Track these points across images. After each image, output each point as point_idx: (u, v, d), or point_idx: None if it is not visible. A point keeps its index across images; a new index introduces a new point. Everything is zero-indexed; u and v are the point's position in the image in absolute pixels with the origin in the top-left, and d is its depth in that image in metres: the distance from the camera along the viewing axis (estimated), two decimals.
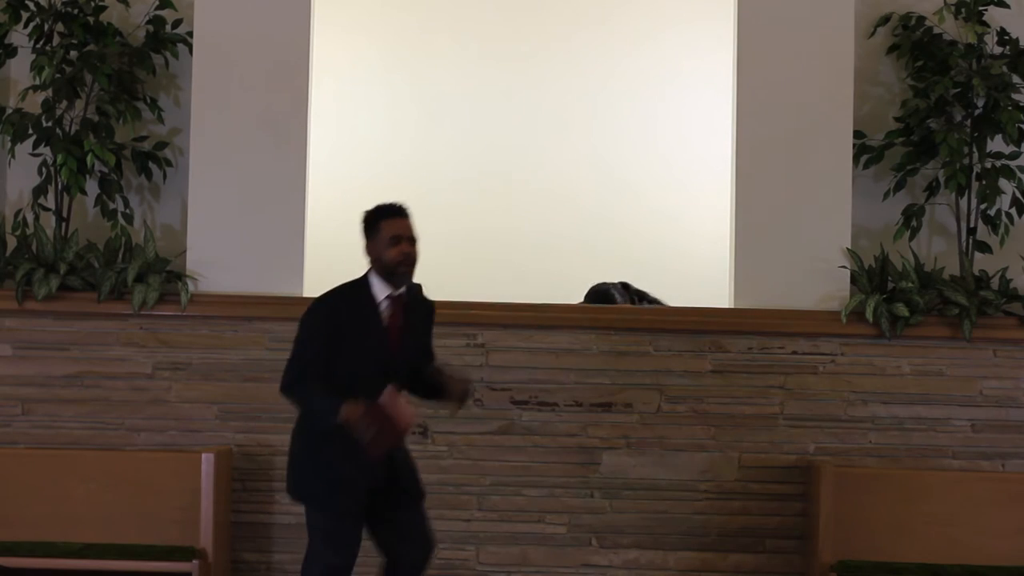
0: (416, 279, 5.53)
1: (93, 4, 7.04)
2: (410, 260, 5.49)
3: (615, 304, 7.21)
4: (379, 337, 5.47)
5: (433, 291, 7.33)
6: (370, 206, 5.59)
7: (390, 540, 5.62)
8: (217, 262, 6.92)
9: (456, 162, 8.21)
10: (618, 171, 8.25)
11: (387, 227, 5.48)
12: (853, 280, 6.94)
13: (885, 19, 7.22)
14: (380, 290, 5.50)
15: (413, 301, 5.57)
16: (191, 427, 6.89)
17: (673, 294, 7.45)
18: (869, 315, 6.80)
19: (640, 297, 7.40)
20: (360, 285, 5.52)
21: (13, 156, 7.09)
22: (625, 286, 7.40)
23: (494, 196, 8.12)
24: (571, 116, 8.26)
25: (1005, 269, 7.01)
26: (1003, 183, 7.02)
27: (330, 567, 5.54)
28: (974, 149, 7.04)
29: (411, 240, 5.51)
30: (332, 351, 5.40)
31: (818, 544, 6.56)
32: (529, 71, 8.24)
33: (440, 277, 7.40)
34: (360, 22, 8.26)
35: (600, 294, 7.31)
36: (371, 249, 5.52)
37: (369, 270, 5.54)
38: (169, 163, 7.17)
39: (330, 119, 7.84)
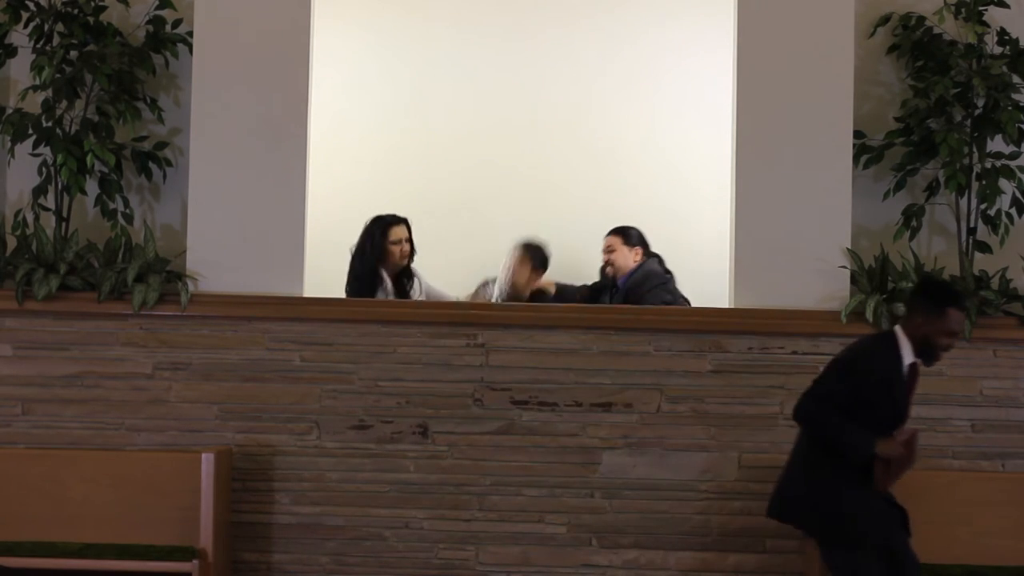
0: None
1: (93, 4, 7.04)
2: (948, 351, 5.83)
3: (629, 234, 7.42)
4: (900, 398, 5.79)
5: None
6: (933, 286, 5.92)
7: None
8: (217, 262, 6.92)
9: (456, 160, 8.20)
10: (618, 170, 8.25)
11: (953, 317, 5.71)
12: (853, 280, 6.94)
13: (885, 19, 7.22)
14: (907, 354, 5.77)
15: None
16: (191, 427, 6.89)
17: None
18: (869, 315, 6.80)
19: (660, 264, 7.49)
20: (890, 343, 5.79)
21: (13, 156, 7.10)
22: (660, 261, 7.50)
23: (494, 194, 8.12)
24: (572, 114, 8.25)
25: (1005, 269, 7.01)
26: (1003, 183, 7.02)
27: None
28: (974, 149, 7.05)
29: (959, 336, 5.84)
30: (855, 395, 5.71)
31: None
32: (529, 69, 8.24)
33: (440, 276, 7.44)
34: (360, 21, 8.26)
35: (621, 226, 7.51)
36: (921, 323, 5.75)
37: (899, 329, 5.81)
38: (169, 163, 7.18)
39: (330, 119, 7.84)
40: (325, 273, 7.24)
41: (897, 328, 5.91)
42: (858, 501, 5.77)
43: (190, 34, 7.06)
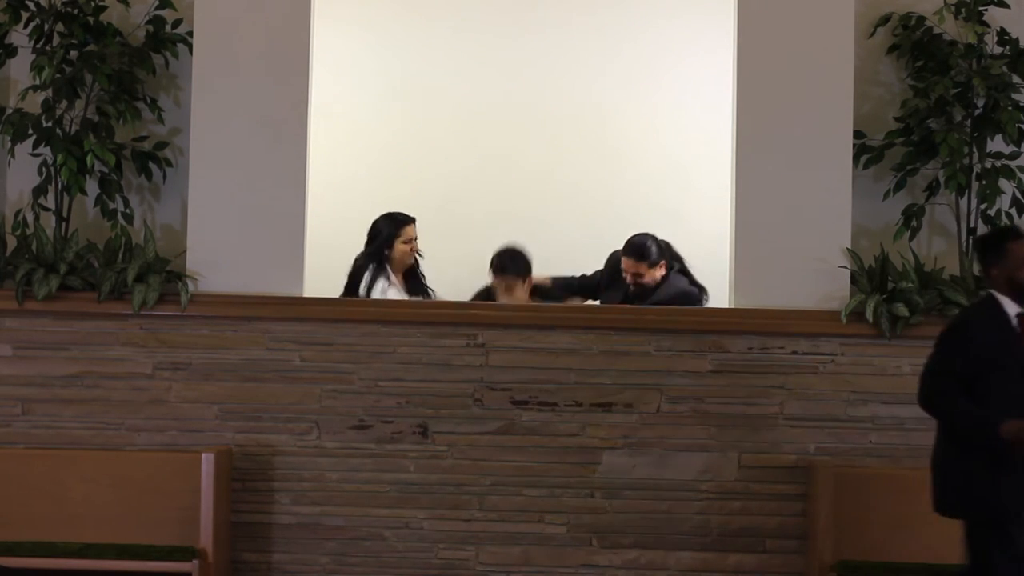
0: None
1: (93, 4, 7.04)
2: None
3: (650, 255, 7.18)
4: (1018, 351, 5.58)
5: (434, 289, 7.38)
6: (984, 238, 5.79)
7: None
8: (217, 262, 6.92)
9: (456, 158, 8.21)
10: (618, 169, 8.26)
11: (1017, 247, 5.59)
12: (853, 280, 6.94)
13: (885, 19, 7.22)
14: (1010, 307, 5.61)
15: None
16: (191, 427, 6.89)
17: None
18: (869, 315, 6.80)
19: (681, 268, 7.36)
20: (989, 303, 5.64)
21: (13, 156, 7.10)
22: (668, 245, 7.34)
23: (494, 193, 8.13)
24: (572, 114, 8.27)
25: None
26: (1003, 183, 7.02)
27: None
28: (974, 149, 7.04)
29: None
30: (972, 367, 5.52)
31: (818, 544, 6.56)
32: (529, 69, 8.25)
33: (440, 274, 7.44)
34: (360, 20, 8.26)
35: (635, 244, 7.21)
36: (997, 273, 5.62)
37: (992, 291, 5.65)
38: (169, 163, 7.18)
39: (330, 118, 7.84)
40: (325, 273, 7.23)
41: (991, 291, 5.71)
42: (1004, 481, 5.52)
43: (190, 34, 7.06)
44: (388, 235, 7.23)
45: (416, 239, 7.31)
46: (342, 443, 6.88)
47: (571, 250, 7.90)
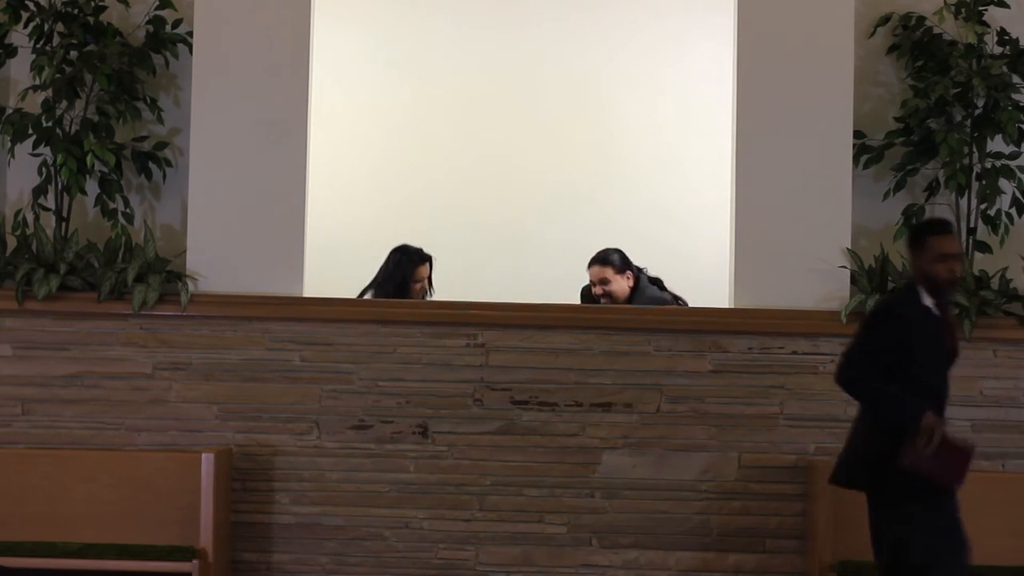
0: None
1: (93, 4, 7.04)
2: (956, 278, 5.63)
3: (612, 259, 7.23)
4: (936, 346, 5.61)
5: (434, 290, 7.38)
6: (910, 227, 5.86)
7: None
8: (217, 262, 6.92)
9: (456, 161, 8.21)
10: (618, 169, 8.26)
11: (934, 243, 5.59)
12: (853, 280, 6.94)
13: (885, 19, 7.22)
14: (927, 299, 5.61)
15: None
16: (191, 427, 6.89)
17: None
18: None
19: (650, 279, 7.37)
20: (910, 294, 5.64)
21: (13, 156, 7.09)
22: (652, 278, 7.39)
23: (493, 194, 8.13)
24: (572, 113, 8.27)
25: (1005, 269, 7.01)
26: (1003, 183, 7.02)
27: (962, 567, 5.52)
28: (974, 149, 7.05)
29: (958, 257, 5.63)
30: (892, 355, 5.52)
31: (818, 544, 6.56)
32: (530, 67, 8.26)
33: (440, 275, 7.44)
34: (360, 20, 8.27)
35: (599, 252, 7.27)
36: (916, 265, 5.65)
37: (915, 281, 5.66)
38: (169, 163, 7.17)
39: (330, 118, 7.84)
40: (325, 273, 7.23)
41: (912, 281, 5.74)
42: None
43: (190, 34, 7.06)
44: (402, 278, 7.17)
45: (428, 276, 7.26)
46: (342, 443, 6.88)
47: (572, 249, 7.90)
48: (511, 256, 7.99)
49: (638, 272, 7.32)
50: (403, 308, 7.02)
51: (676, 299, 7.34)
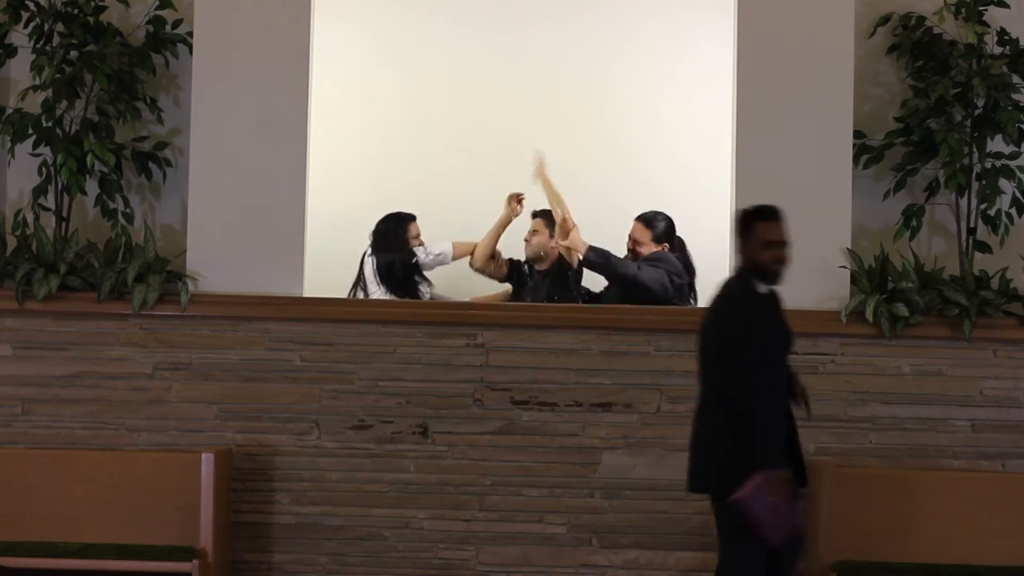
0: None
1: (93, 4, 7.04)
2: (782, 263, 5.62)
3: (656, 227, 7.39)
4: (781, 321, 5.61)
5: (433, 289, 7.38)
6: (739, 213, 5.72)
7: None
8: (217, 262, 6.92)
9: (456, 160, 8.21)
10: (618, 169, 8.26)
11: (760, 229, 5.60)
12: (853, 280, 6.94)
13: (885, 19, 7.22)
14: (760, 286, 5.61)
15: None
16: (191, 427, 6.89)
17: None
18: (869, 315, 6.80)
19: (684, 257, 7.51)
20: (745, 284, 5.62)
21: (13, 156, 7.10)
22: (682, 243, 7.55)
23: (493, 194, 8.12)
24: (573, 112, 8.27)
25: (1005, 269, 7.01)
26: (1003, 183, 7.02)
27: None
28: (974, 149, 7.04)
29: (783, 244, 5.62)
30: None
31: (818, 544, 6.56)
32: (531, 65, 8.26)
33: (440, 274, 7.44)
34: (360, 19, 8.26)
35: (649, 215, 7.45)
36: (744, 251, 5.64)
37: (744, 269, 5.65)
38: (169, 163, 7.17)
39: (330, 118, 7.84)
40: (325, 273, 7.24)
41: (743, 270, 5.70)
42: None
43: (190, 34, 7.06)
44: (401, 237, 7.32)
45: (419, 235, 7.47)
46: (342, 443, 6.88)
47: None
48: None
49: (674, 245, 7.46)
50: (403, 308, 7.03)
51: (687, 267, 7.48)
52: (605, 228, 7.88)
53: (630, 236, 7.46)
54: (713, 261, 7.52)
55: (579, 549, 6.88)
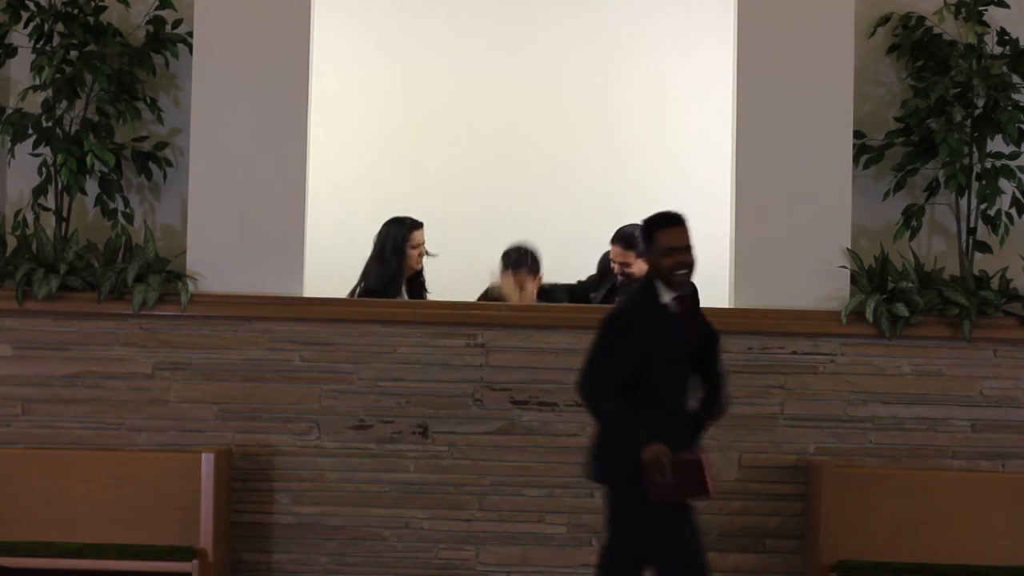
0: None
1: (93, 4, 7.04)
2: (685, 269, 5.59)
3: (638, 244, 7.13)
4: (677, 338, 5.56)
5: (433, 290, 7.39)
6: (643, 222, 5.68)
7: None
8: (217, 262, 6.92)
9: (456, 161, 8.21)
10: (619, 168, 8.26)
11: (661, 237, 5.58)
12: (853, 280, 6.94)
13: (885, 19, 7.22)
14: (666, 293, 5.58)
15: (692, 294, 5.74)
16: (191, 427, 6.89)
17: None
18: (869, 315, 6.80)
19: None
20: (647, 290, 5.60)
21: (13, 156, 7.10)
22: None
23: (493, 194, 8.13)
24: (574, 112, 8.27)
25: (1005, 269, 7.01)
26: (1003, 183, 7.02)
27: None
28: (974, 149, 7.05)
29: (685, 249, 5.59)
30: (634, 355, 5.47)
31: (818, 544, 6.56)
32: (531, 66, 8.25)
33: (441, 273, 7.44)
34: (360, 18, 8.26)
35: (626, 234, 7.18)
36: (648, 259, 5.64)
37: (649, 277, 5.63)
38: (169, 163, 7.17)
39: (331, 117, 7.84)
40: (325, 273, 7.23)
41: (648, 277, 5.69)
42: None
43: (190, 34, 7.06)
44: (401, 244, 7.19)
45: (424, 243, 7.30)
46: (342, 443, 6.88)
47: (572, 248, 7.90)
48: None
49: None
50: (403, 308, 7.02)
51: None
52: (605, 228, 7.88)
53: (614, 261, 7.24)
54: (713, 261, 7.53)
55: (579, 549, 6.88)
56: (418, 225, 7.28)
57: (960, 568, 6.49)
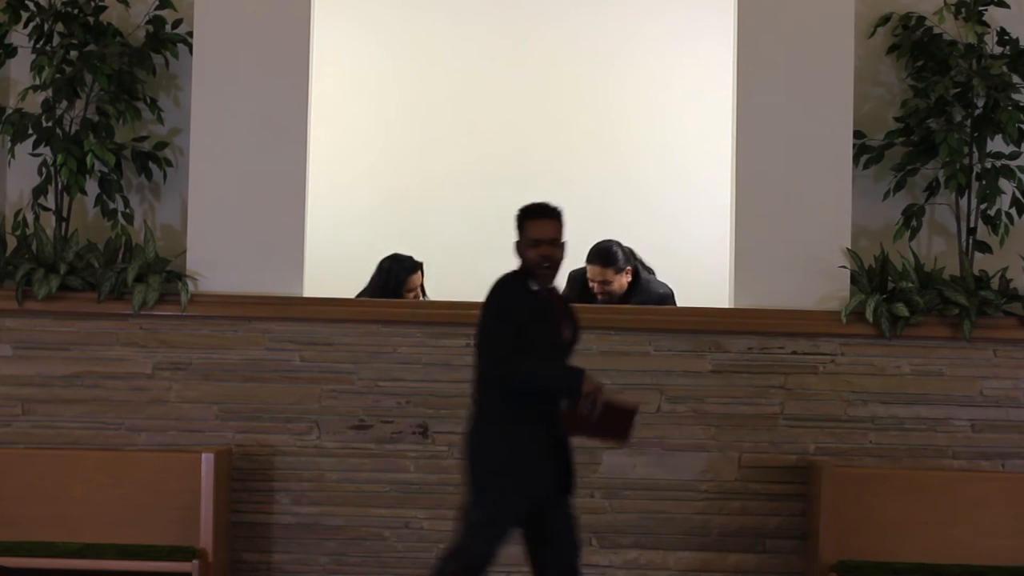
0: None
1: (93, 4, 7.04)
2: (549, 262, 5.55)
3: (616, 259, 7.16)
4: (547, 312, 5.54)
5: (434, 290, 7.39)
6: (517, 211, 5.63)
7: (540, 546, 5.60)
8: (217, 262, 6.92)
9: (456, 160, 8.21)
10: (619, 170, 8.26)
11: (530, 227, 5.56)
12: (853, 280, 6.94)
13: (885, 19, 7.22)
14: (535, 285, 5.57)
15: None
16: (191, 427, 6.89)
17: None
18: (869, 315, 6.80)
19: (643, 267, 7.32)
20: (518, 278, 5.59)
21: (13, 156, 7.10)
22: (632, 253, 7.31)
23: (493, 194, 8.12)
24: (574, 112, 8.27)
25: (1005, 269, 7.01)
26: (1003, 183, 7.02)
27: (479, 556, 5.50)
28: (974, 149, 7.05)
29: (552, 242, 5.56)
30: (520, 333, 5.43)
31: (818, 544, 6.56)
32: (531, 66, 8.26)
33: (440, 274, 7.44)
34: (360, 20, 8.27)
35: (603, 250, 7.18)
36: (517, 249, 5.60)
37: (518, 267, 5.61)
38: (169, 163, 7.17)
39: (331, 118, 7.84)
40: (325, 273, 7.23)
41: (520, 266, 5.67)
42: (512, 458, 5.46)
43: (190, 34, 7.06)
44: (395, 286, 7.17)
45: (421, 284, 7.27)
46: (342, 443, 6.88)
47: (573, 247, 7.87)
48: (512, 256, 7.97)
49: (636, 264, 7.29)
50: (403, 308, 7.02)
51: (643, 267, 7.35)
52: (603, 228, 7.88)
53: (592, 280, 7.19)
54: (713, 261, 7.54)
55: None
56: (416, 267, 7.25)
57: (960, 568, 6.49)
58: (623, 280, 7.20)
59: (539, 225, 5.55)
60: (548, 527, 5.55)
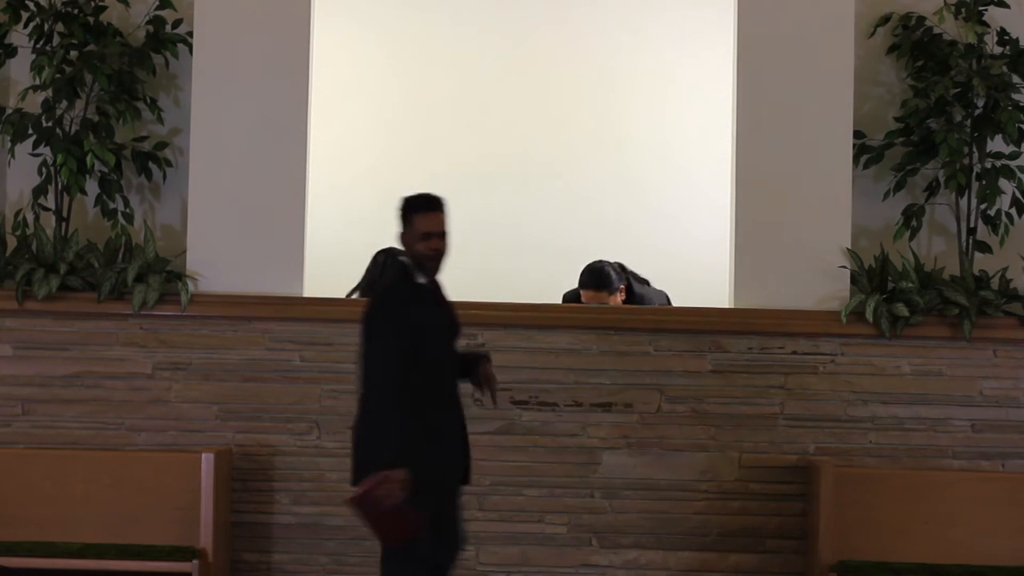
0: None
1: (93, 4, 7.04)
2: (439, 255, 5.56)
3: (610, 281, 7.16)
4: (434, 306, 5.57)
5: None
6: (402, 201, 5.61)
7: None
8: (217, 262, 6.92)
9: (456, 160, 8.21)
10: (618, 170, 8.26)
11: (418, 221, 5.54)
12: (853, 280, 6.94)
13: (885, 19, 7.22)
14: (420, 276, 5.57)
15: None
16: (191, 427, 6.89)
17: (672, 293, 7.45)
18: (869, 315, 6.80)
19: (635, 279, 7.32)
20: (404, 273, 5.59)
21: (13, 156, 7.10)
22: (622, 267, 7.32)
23: (494, 194, 8.13)
24: (575, 113, 8.27)
25: (1005, 269, 7.01)
26: (1003, 183, 7.02)
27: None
28: (974, 149, 7.05)
29: (441, 235, 5.56)
30: (408, 342, 5.41)
31: (818, 544, 6.56)
32: (531, 66, 8.26)
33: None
34: (360, 20, 8.27)
35: (595, 272, 7.19)
36: (404, 241, 5.58)
37: (406, 258, 5.61)
38: (169, 163, 7.18)
39: (330, 118, 7.84)
40: (325, 273, 7.23)
41: (403, 259, 5.69)
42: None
43: (190, 34, 7.06)
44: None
45: None
46: (342, 443, 6.87)
47: (573, 248, 7.91)
48: (511, 255, 7.99)
49: (628, 279, 7.28)
50: None
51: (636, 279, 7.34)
52: (603, 228, 7.89)
53: (587, 304, 7.16)
54: (713, 261, 7.54)
55: (579, 549, 6.89)
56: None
57: (960, 568, 6.49)
58: (618, 299, 7.20)
59: (428, 218, 5.53)
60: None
